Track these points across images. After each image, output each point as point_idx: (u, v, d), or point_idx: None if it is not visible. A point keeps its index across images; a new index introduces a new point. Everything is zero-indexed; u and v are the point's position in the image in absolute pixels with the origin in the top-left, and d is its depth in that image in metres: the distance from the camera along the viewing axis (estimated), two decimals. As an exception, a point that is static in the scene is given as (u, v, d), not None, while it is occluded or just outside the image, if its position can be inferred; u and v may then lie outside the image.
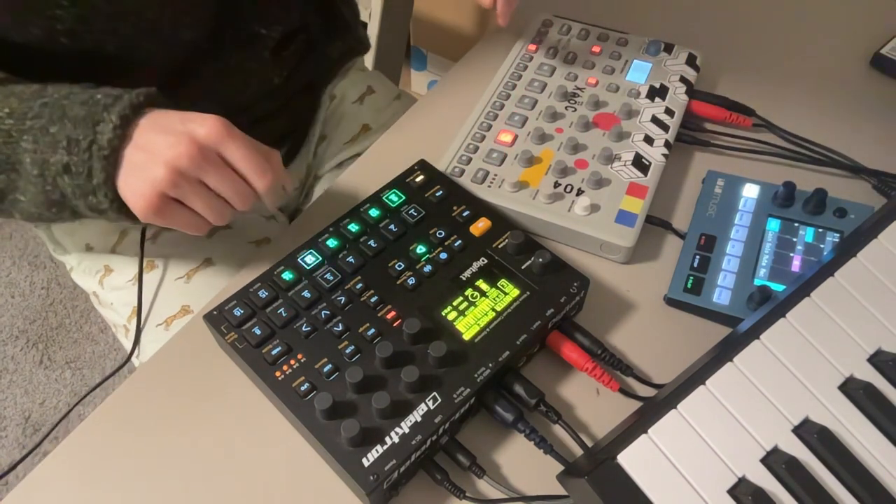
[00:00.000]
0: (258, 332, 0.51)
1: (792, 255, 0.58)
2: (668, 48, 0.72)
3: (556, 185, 0.61)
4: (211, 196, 0.52)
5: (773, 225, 0.60)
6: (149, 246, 0.73)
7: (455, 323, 0.52)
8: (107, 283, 0.75)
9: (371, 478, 0.45)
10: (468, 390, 0.48)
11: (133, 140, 0.51)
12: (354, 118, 0.86)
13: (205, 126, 0.50)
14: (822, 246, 0.58)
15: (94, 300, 0.80)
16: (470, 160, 0.64)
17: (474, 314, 0.52)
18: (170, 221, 0.52)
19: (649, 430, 0.44)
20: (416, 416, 0.47)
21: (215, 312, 0.53)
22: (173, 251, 0.73)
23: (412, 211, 0.58)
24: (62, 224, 0.77)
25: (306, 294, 0.53)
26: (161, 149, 0.50)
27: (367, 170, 0.68)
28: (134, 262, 0.72)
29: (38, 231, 0.81)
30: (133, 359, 0.70)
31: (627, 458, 0.43)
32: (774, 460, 0.44)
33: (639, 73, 0.70)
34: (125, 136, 0.50)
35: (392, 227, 0.57)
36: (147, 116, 0.51)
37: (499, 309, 0.52)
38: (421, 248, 0.56)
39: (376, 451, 0.46)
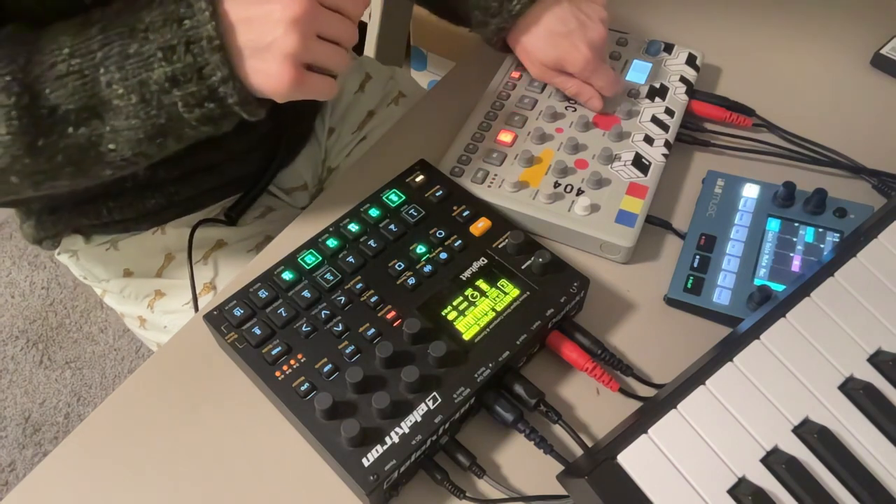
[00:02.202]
0: (258, 332, 0.51)
1: (792, 255, 0.58)
2: (668, 48, 0.72)
3: (556, 185, 0.61)
4: (330, 45, 0.50)
5: (773, 225, 0.60)
6: (201, 268, 0.72)
7: (455, 323, 0.52)
8: (158, 306, 0.74)
9: (371, 478, 0.45)
10: (468, 390, 0.48)
11: (229, 21, 0.47)
12: (358, 107, 0.86)
13: None
14: (822, 246, 0.58)
15: (133, 322, 0.79)
16: (470, 160, 0.64)
17: (474, 314, 0.52)
18: (308, 90, 0.50)
19: (649, 430, 0.44)
20: (416, 416, 0.47)
21: (215, 312, 0.53)
22: (227, 271, 0.72)
23: (412, 211, 0.58)
24: (92, 253, 0.76)
25: (306, 294, 0.53)
26: (274, 18, 0.46)
27: (367, 170, 0.68)
28: (187, 286, 0.69)
29: (61, 258, 0.78)
30: None
31: (627, 458, 0.43)
32: (774, 460, 0.44)
33: (639, 73, 0.70)
34: (220, 20, 0.46)
35: (392, 227, 0.57)
36: None
37: (499, 309, 0.52)
38: (421, 248, 0.56)
39: (376, 451, 0.46)
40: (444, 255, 0.55)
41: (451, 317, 0.52)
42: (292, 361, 0.50)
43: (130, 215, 0.72)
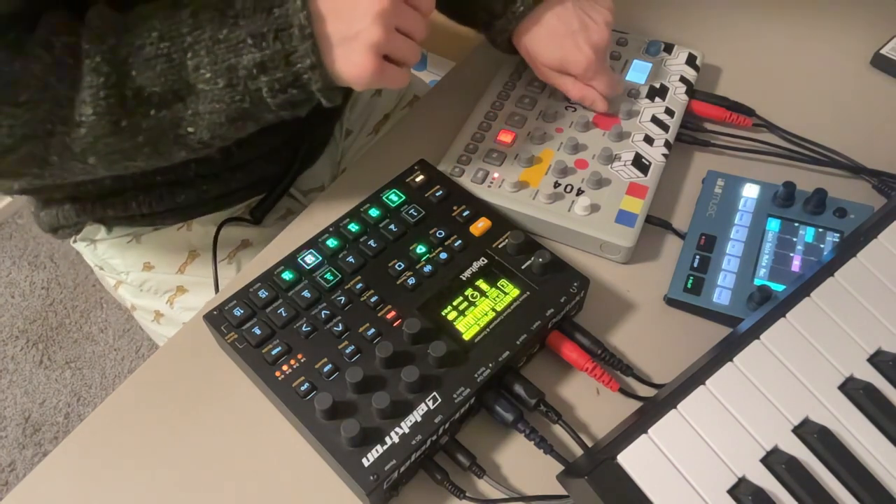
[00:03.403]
0: (258, 332, 0.51)
1: (792, 255, 0.58)
2: (668, 48, 0.72)
3: (556, 185, 0.61)
4: (406, 39, 0.52)
5: (773, 225, 0.60)
6: (225, 267, 0.72)
7: (455, 323, 0.52)
8: (179, 303, 0.74)
9: (371, 478, 0.45)
10: (468, 390, 0.48)
11: (318, 11, 0.48)
12: (376, 110, 0.87)
13: None
14: (822, 246, 0.58)
15: (145, 316, 0.79)
16: (470, 160, 0.64)
17: (474, 314, 0.52)
18: (385, 80, 0.52)
19: (649, 430, 0.44)
20: (416, 416, 0.47)
21: (215, 312, 0.53)
22: (253, 270, 0.72)
23: (412, 211, 0.58)
24: (112, 244, 0.76)
25: (306, 294, 0.53)
26: (361, 10, 0.48)
27: (367, 170, 0.68)
28: (210, 284, 0.70)
29: (77, 245, 0.78)
30: None
31: (627, 458, 0.43)
32: (774, 460, 0.44)
33: (639, 73, 0.70)
34: (310, 9, 0.48)
35: (392, 227, 0.57)
36: None
37: (499, 309, 0.52)
38: (421, 248, 0.56)
39: (376, 451, 0.46)
40: (444, 255, 0.55)
41: (451, 317, 0.52)
42: (292, 361, 0.50)
43: (158, 210, 0.71)
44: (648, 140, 0.64)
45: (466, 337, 0.51)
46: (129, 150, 0.51)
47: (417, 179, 0.61)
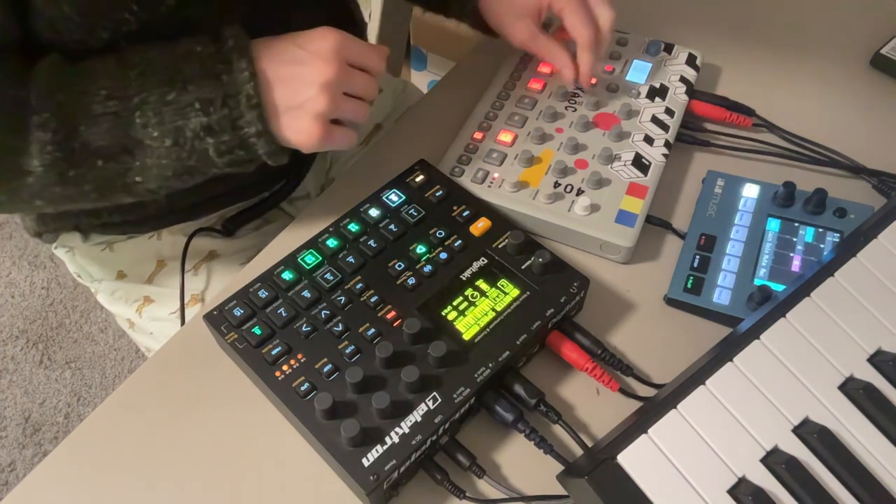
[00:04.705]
0: (258, 332, 0.51)
1: (792, 255, 0.58)
2: (668, 48, 0.72)
3: (556, 185, 0.61)
4: (354, 100, 0.53)
5: (773, 225, 0.60)
6: (191, 278, 0.72)
7: (455, 323, 0.52)
8: (146, 312, 0.74)
9: (371, 478, 0.45)
10: (468, 390, 0.48)
11: (266, 79, 0.50)
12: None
13: (325, 41, 0.51)
14: (822, 246, 0.58)
15: (123, 323, 0.79)
16: (470, 160, 0.64)
17: (474, 314, 0.52)
18: (332, 143, 0.53)
19: (649, 430, 0.44)
20: (416, 416, 0.47)
21: (215, 312, 0.53)
22: (218, 283, 0.72)
23: (412, 211, 0.58)
24: (88, 252, 0.76)
25: (306, 294, 0.53)
26: (307, 80, 0.49)
27: (367, 170, 0.68)
28: (176, 295, 0.70)
29: (58, 252, 0.79)
30: None
31: (627, 458, 0.43)
32: (774, 460, 0.44)
33: (639, 73, 0.70)
34: (258, 79, 0.49)
35: (392, 227, 0.57)
36: (260, 52, 0.50)
37: (499, 309, 0.52)
38: (421, 248, 0.56)
39: (376, 451, 0.46)
40: (444, 255, 0.55)
41: (451, 317, 0.52)
42: (292, 361, 0.50)
43: (130, 218, 0.72)
44: (648, 140, 0.64)
45: (466, 337, 0.51)
46: (76, 195, 0.53)
47: (417, 179, 0.61)
